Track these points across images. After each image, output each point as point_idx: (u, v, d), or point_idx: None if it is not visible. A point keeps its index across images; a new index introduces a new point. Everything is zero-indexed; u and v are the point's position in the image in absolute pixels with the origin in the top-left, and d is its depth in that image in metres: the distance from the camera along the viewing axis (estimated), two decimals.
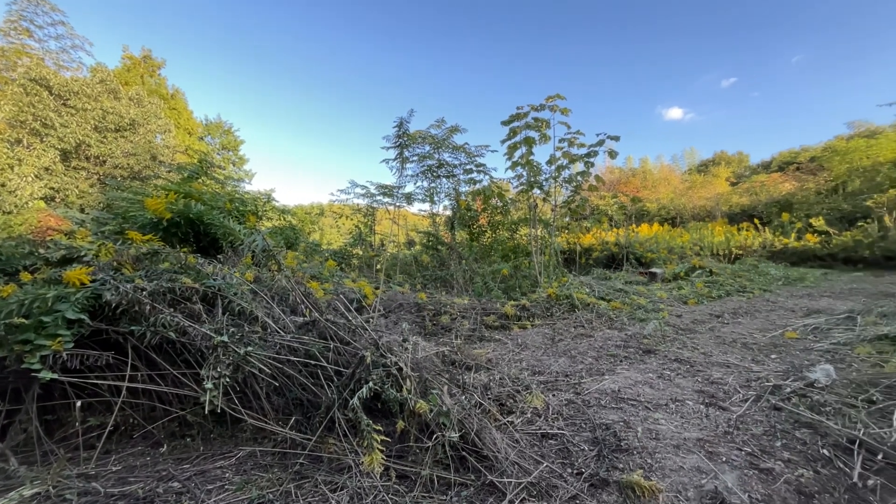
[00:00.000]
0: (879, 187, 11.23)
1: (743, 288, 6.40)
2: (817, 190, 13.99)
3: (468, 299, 4.90)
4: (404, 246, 8.02)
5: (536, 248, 6.95)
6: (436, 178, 7.59)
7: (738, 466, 1.65)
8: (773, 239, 11.10)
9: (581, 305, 4.71)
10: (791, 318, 4.31)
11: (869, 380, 2.23)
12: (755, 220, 13.15)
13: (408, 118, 5.40)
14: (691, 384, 2.54)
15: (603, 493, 1.51)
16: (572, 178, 6.94)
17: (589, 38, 58.32)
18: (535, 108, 6.40)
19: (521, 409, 2.18)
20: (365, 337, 2.08)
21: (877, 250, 8.95)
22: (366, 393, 1.68)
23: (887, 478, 1.50)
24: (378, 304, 3.50)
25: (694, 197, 18.66)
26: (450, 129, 7.08)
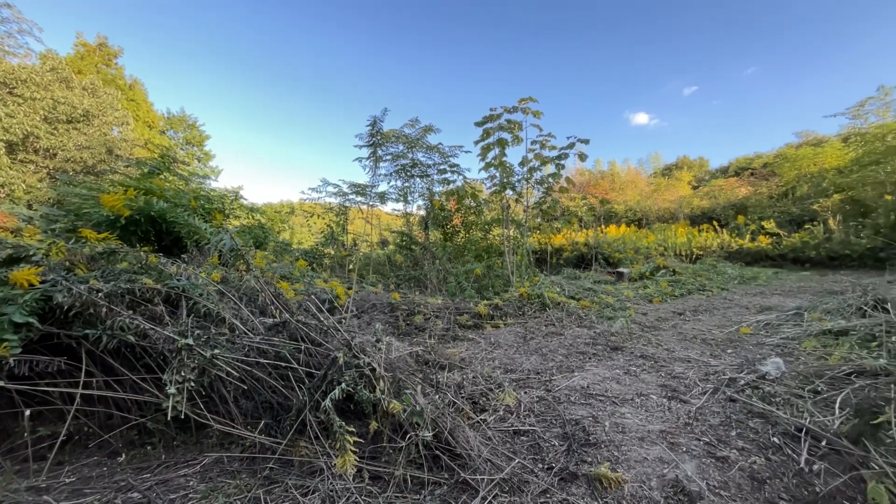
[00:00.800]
0: (825, 192, 12.07)
1: (703, 287, 6.72)
2: (769, 194, 14.87)
3: (442, 299, 4.91)
4: (377, 245, 7.94)
5: (509, 248, 7.05)
6: (410, 178, 7.56)
7: (697, 455, 1.73)
8: (730, 240, 11.72)
9: (552, 304, 4.81)
10: (745, 314, 4.57)
11: (814, 372, 2.40)
12: (714, 222, 13.83)
13: (381, 117, 5.36)
14: (655, 379, 2.65)
15: (572, 487, 1.56)
16: (544, 180, 7.09)
17: (559, 42, 59.80)
18: (508, 109, 6.49)
19: (493, 406, 2.21)
20: (337, 338, 2.05)
21: (822, 251, 9.62)
22: (338, 394, 1.66)
23: (830, 462, 1.62)
24: (351, 305, 3.46)
25: (659, 199, 19.42)
26: (423, 129, 7.07)
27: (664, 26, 50.54)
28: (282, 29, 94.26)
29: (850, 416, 1.83)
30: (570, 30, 56.05)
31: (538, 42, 62.67)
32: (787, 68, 47.57)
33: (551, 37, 66.41)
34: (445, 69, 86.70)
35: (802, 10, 41.13)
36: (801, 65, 44.91)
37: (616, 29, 53.42)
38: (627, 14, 49.41)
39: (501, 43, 69.05)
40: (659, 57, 53.91)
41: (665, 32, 50.84)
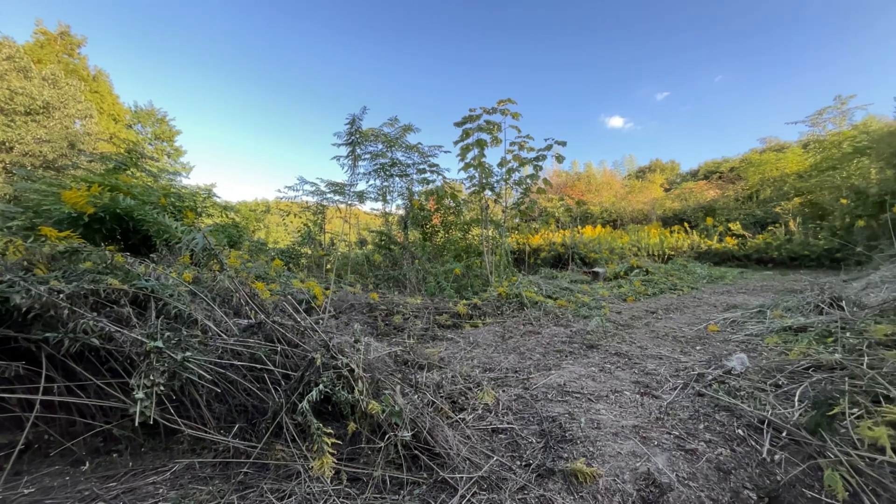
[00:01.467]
0: (786, 196, 12.69)
1: (674, 286, 6.96)
2: (736, 197, 15.53)
3: (421, 299, 4.90)
4: (356, 245, 7.85)
5: (488, 248, 7.11)
6: (389, 177, 7.52)
7: (668, 449, 1.80)
8: (699, 241, 12.16)
9: (530, 304, 4.88)
10: (713, 312, 4.75)
11: (776, 366, 2.52)
12: (685, 224, 14.33)
13: (360, 115, 5.30)
14: (629, 376, 2.73)
15: (549, 482, 1.59)
16: (522, 181, 7.18)
17: (537, 44, 60.79)
18: (488, 111, 6.54)
19: (472, 405, 2.22)
20: (315, 339, 2.03)
21: (783, 252, 10.10)
22: (316, 396, 1.64)
23: (790, 452, 1.71)
24: (328, 305, 3.41)
25: (633, 201, 19.96)
26: (403, 128, 7.04)
27: (638, 32, 52.25)
28: (258, 26, 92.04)
29: (809, 409, 1.93)
30: (547, 33, 57.12)
31: (517, 44, 63.56)
32: (752, 77, 50.04)
33: (530, 39, 67.34)
34: (424, 69, 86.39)
35: (767, 22, 43.54)
36: (766, 74, 47.41)
37: (593, 34, 54.83)
38: (604, 19, 50.88)
39: (480, 45, 69.56)
40: (633, 62, 55.77)
41: (639, 39, 52.61)
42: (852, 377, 2.07)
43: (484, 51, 69.97)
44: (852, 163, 10.60)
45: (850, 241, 8.96)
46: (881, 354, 2.25)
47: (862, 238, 8.70)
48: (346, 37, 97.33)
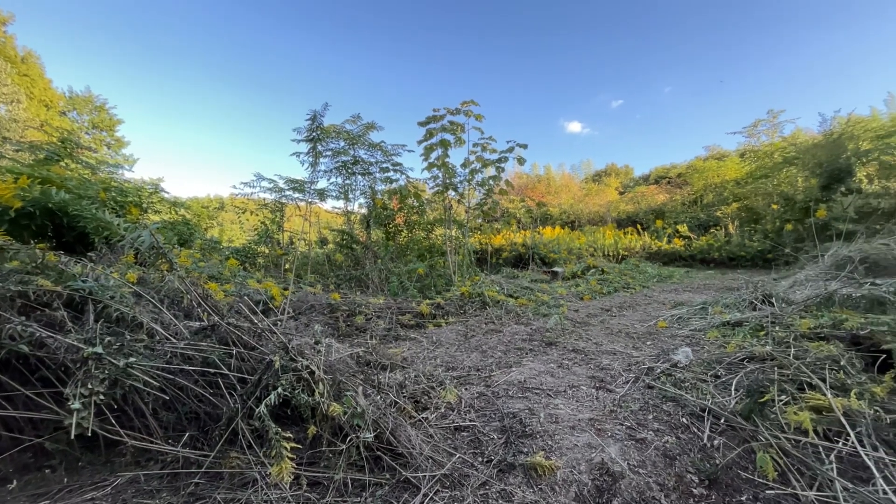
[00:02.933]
0: (726, 201, 13.68)
1: (627, 285, 7.32)
2: (682, 201, 16.55)
3: (384, 299, 4.86)
4: (316, 244, 7.64)
5: (451, 247, 7.15)
6: (351, 175, 7.39)
7: (620, 439, 1.89)
8: (650, 242, 12.86)
9: (492, 302, 4.97)
10: (662, 309, 5.05)
11: (716, 358, 2.72)
12: (637, 226, 15.11)
13: (322, 111, 5.18)
14: (585, 371, 2.85)
15: (509, 477, 1.63)
16: (485, 182, 7.29)
17: (502, 48, 61.74)
18: (451, 111, 6.58)
19: (435, 404, 2.24)
20: (273, 341, 1.96)
21: (723, 253, 10.90)
22: (274, 399, 1.59)
23: (728, 437, 1.86)
24: (287, 306, 3.30)
25: (590, 203, 20.76)
26: (366, 126, 6.94)
27: (596, 41, 54.53)
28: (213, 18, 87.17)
29: (743, 397, 2.10)
30: (512, 37, 58.23)
31: (481, 47, 64.21)
32: (698, 89, 53.70)
33: (494, 42, 68.26)
34: (387, 68, 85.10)
35: (710, 39, 47.06)
36: (710, 87, 51.17)
37: (555, 39, 56.55)
38: (565, 26, 52.63)
39: (445, 46, 69.53)
40: (591, 70, 58.11)
41: (597, 47, 54.91)
42: (781, 367, 2.28)
43: (448, 52, 70.23)
44: (782, 172, 11.61)
45: (780, 242, 9.81)
46: (805, 346, 2.49)
47: (790, 240, 9.56)
48: (306, 32, 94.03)
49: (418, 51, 77.66)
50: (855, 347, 2.40)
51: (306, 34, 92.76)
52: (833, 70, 38.84)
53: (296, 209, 6.83)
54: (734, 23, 40.84)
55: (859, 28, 38.65)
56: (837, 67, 38.87)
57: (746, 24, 40.12)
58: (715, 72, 48.56)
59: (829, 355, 2.26)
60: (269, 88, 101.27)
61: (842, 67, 38.80)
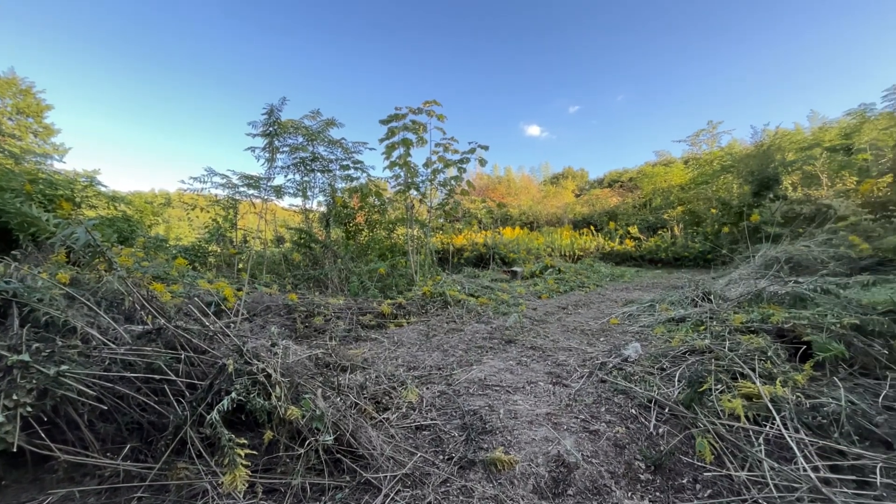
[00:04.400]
0: (672, 205, 14.59)
1: (582, 284, 7.63)
2: (633, 204, 17.47)
3: (344, 299, 4.77)
4: (272, 243, 7.35)
5: (413, 247, 7.13)
6: (310, 172, 7.17)
7: (575, 431, 1.98)
8: (604, 243, 13.47)
9: (453, 302, 5.01)
10: (614, 307, 5.31)
11: (661, 352, 2.90)
12: (592, 227, 15.76)
13: (279, 106, 4.99)
14: (543, 367, 2.94)
15: (470, 473, 1.66)
16: (447, 182, 7.33)
17: (466, 51, 62.28)
18: (413, 110, 6.56)
19: (396, 404, 2.23)
20: (226, 343, 1.87)
21: (669, 253, 11.61)
22: (227, 405, 1.52)
23: (671, 426, 1.99)
24: (241, 307, 3.16)
25: (548, 205, 21.41)
26: (325, 122, 6.77)
27: (554, 47, 56.32)
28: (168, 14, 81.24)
29: (685, 387, 2.26)
30: (475, 41, 58.82)
31: (445, 48, 64.23)
32: (648, 98, 56.93)
33: (458, 45, 68.35)
34: (349, 67, 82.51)
35: (659, 50, 50.09)
36: (659, 95, 54.50)
37: (518, 44, 57.76)
38: (527, 31, 54.01)
39: (408, 46, 68.55)
40: (550, 75, 60.04)
41: (555, 53, 56.75)
42: (717, 359, 2.47)
43: (411, 53, 69.48)
44: (720, 179, 12.56)
45: (718, 244, 10.60)
46: (738, 339, 2.72)
47: (727, 242, 10.35)
48: (263, 28, 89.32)
49: (381, 51, 76.04)
50: (780, 339, 2.65)
51: (264, 30, 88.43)
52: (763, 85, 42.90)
53: (251, 206, 6.53)
54: (681, 35, 44.04)
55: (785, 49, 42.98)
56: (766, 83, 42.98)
57: (692, 36, 43.39)
58: (663, 82, 52.00)
59: (759, 347, 2.48)
60: (222, 83, 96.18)
61: (771, 83, 42.95)
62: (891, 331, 2.44)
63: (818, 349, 2.34)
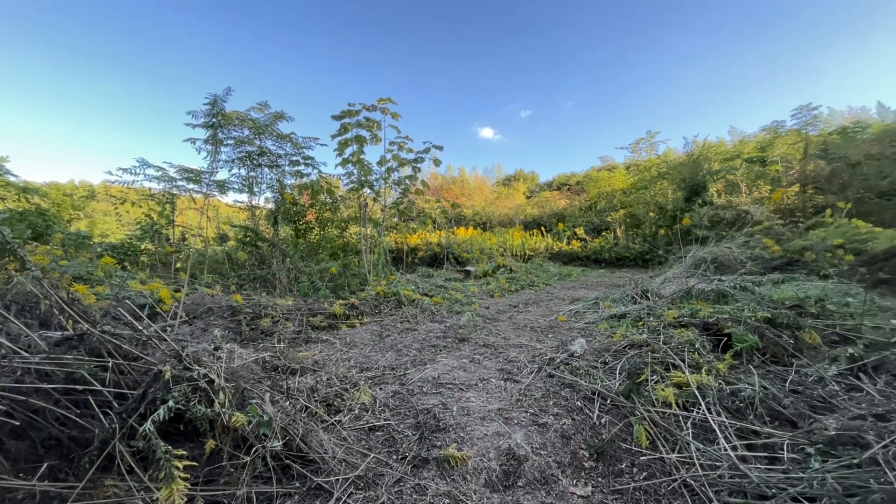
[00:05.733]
0: (615, 208, 15.49)
1: (532, 283, 7.90)
2: (580, 206, 18.34)
3: (293, 300, 4.59)
4: (214, 241, 6.91)
5: (366, 246, 7.02)
6: (256, 167, 6.84)
7: (525, 425, 2.05)
8: (552, 243, 14.02)
9: (407, 301, 4.99)
10: (562, 305, 5.56)
11: (604, 347, 3.08)
12: (542, 228, 16.35)
13: (224, 96, 4.71)
14: (495, 364, 3.02)
15: (423, 471, 1.67)
16: (401, 181, 7.28)
17: (420, 50, 62.09)
18: (367, 107, 6.46)
19: (349, 406, 2.19)
20: (162, 349, 1.75)
21: (612, 253, 12.33)
22: (163, 414, 1.42)
23: (612, 415, 2.12)
24: (180, 310, 2.95)
25: (500, 206, 21.92)
26: (274, 115, 6.48)
27: (508, 51, 57.84)
28: None
29: (625, 379, 2.42)
30: (429, 41, 58.85)
31: (399, 47, 63.48)
32: (595, 106, 60.09)
33: (413, 43, 67.81)
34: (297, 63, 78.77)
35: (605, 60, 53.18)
36: (605, 104, 57.79)
37: (470, 47, 58.63)
38: (481, 33, 54.96)
39: (362, 45, 67.00)
40: (503, 79, 61.52)
41: (508, 58, 58.32)
42: (653, 351, 2.67)
43: (365, 51, 67.78)
44: (657, 185, 13.53)
45: (655, 245, 11.42)
46: (671, 333, 2.95)
47: (662, 243, 11.18)
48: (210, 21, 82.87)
49: (332, 47, 73.45)
50: (706, 332, 2.91)
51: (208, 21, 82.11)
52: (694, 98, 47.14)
53: (190, 202, 6.08)
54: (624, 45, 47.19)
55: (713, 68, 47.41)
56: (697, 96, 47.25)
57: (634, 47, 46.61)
58: (608, 91, 55.36)
59: (688, 340, 2.71)
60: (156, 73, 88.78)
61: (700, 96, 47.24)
62: (796, 323, 2.76)
63: (737, 340, 2.60)
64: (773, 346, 2.59)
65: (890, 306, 3.58)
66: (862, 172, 9.02)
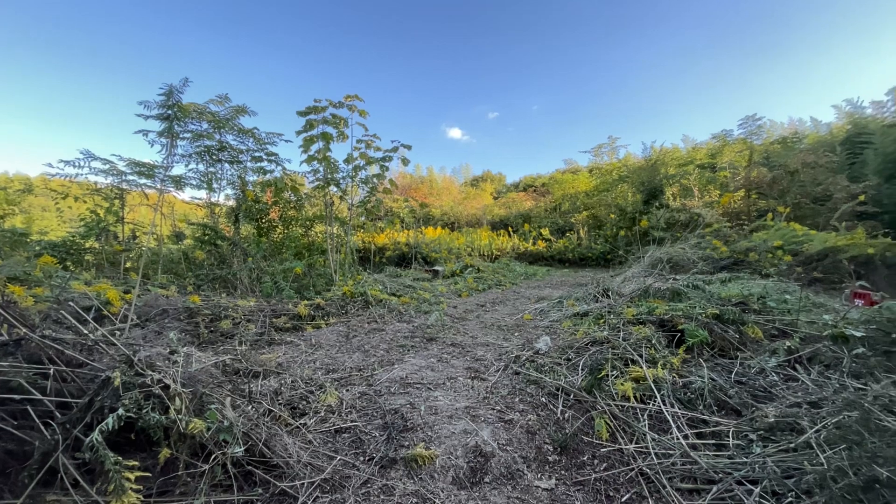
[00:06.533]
0: (578, 209, 15.99)
1: (499, 282, 8.03)
2: (546, 208, 18.80)
3: (255, 300, 4.44)
4: (169, 239, 6.54)
5: (332, 245, 6.88)
6: (216, 162, 6.54)
7: (492, 422, 2.09)
8: (519, 243, 14.29)
9: (375, 301, 4.94)
10: (528, 304, 5.68)
11: (568, 344, 3.18)
12: (509, 228, 16.63)
13: (180, 87, 4.48)
14: (462, 363, 3.05)
15: (391, 472, 1.66)
16: (369, 180, 7.19)
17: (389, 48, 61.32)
18: (334, 104, 6.33)
19: (314, 408, 2.15)
20: (111, 354, 1.64)
21: (576, 254, 12.73)
22: (113, 424, 1.34)
23: (575, 410, 2.20)
24: (131, 312, 2.78)
25: (468, 206, 22.10)
26: (235, 109, 6.23)
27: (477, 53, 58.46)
28: None
29: (587, 374, 2.51)
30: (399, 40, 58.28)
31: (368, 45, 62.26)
32: (560, 110, 61.72)
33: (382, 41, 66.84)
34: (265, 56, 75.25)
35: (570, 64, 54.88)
36: (569, 108, 59.52)
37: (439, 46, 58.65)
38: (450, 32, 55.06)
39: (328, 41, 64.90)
40: (471, 81, 62.13)
41: (477, 59, 58.86)
42: (614, 348, 2.78)
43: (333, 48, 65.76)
44: (618, 187, 14.10)
45: (616, 246, 11.89)
46: (630, 330, 3.09)
47: (623, 244, 11.67)
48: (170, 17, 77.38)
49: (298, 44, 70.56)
50: (662, 329, 3.06)
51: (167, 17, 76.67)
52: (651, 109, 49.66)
53: (143, 197, 5.73)
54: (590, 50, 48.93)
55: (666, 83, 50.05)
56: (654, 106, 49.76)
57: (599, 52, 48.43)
58: (573, 95, 57.18)
59: (646, 336, 2.85)
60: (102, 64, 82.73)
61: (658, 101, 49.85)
62: (741, 319, 2.97)
63: (689, 336, 2.76)
64: (721, 340, 2.77)
65: (823, 302, 3.91)
66: (799, 179, 9.80)
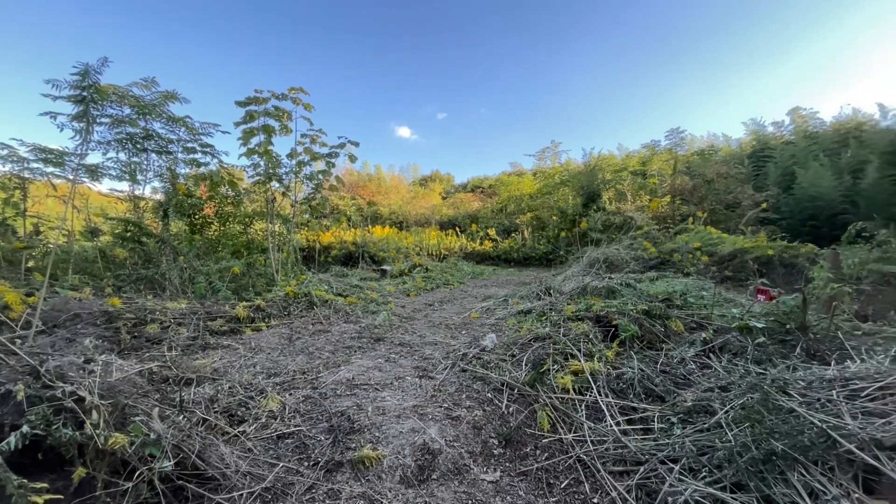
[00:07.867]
0: (523, 211, 16.58)
1: (447, 281, 8.11)
2: (492, 209, 19.28)
3: (187, 302, 4.12)
4: (83, 235, 5.85)
5: (274, 244, 6.56)
6: (141, 152, 5.97)
7: (439, 420, 2.12)
8: (466, 243, 14.53)
9: (320, 302, 4.79)
10: (475, 302, 5.80)
11: (513, 341, 3.30)
12: (457, 228, 16.85)
13: (98, 67, 4.04)
14: (410, 362, 3.05)
15: (337, 475, 1.63)
16: (314, 176, 6.94)
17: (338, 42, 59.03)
18: (277, 96, 6.04)
19: (254, 415, 2.04)
20: (12, 364, 1.46)
21: (520, 254, 13.19)
22: (15, 443, 1.19)
23: (519, 404, 2.28)
24: (36, 317, 2.46)
25: (417, 206, 22.06)
26: (164, 95, 5.72)
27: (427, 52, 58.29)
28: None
29: (530, 370, 2.62)
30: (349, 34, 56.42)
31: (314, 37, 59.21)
32: (506, 113, 63.50)
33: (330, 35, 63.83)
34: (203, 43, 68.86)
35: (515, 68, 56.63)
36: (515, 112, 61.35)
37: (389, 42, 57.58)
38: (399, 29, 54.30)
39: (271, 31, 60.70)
40: (421, 80, 61.92)
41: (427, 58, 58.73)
42: (555, 343, 2.93)
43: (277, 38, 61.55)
44: (559, 191, 14.82)
45: (558, 246, 12.48)
46: (570, 326, 3.26)
47: (564, 244, 12.28)
48: None
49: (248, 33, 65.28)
50: (598, 324, 3.27)
51: None
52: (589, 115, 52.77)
53: (49, 188, 5.07)
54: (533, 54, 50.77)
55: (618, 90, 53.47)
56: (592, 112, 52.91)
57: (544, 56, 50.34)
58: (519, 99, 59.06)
59: (584, 332, 3.03)
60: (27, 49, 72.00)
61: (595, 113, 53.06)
62: (666, 314, 3.25)
63: (622, 330, 2.98)
64: (650, 333, 3.02)
65: (732, 298, 4.39)
66: (714, 188, 10.93)
